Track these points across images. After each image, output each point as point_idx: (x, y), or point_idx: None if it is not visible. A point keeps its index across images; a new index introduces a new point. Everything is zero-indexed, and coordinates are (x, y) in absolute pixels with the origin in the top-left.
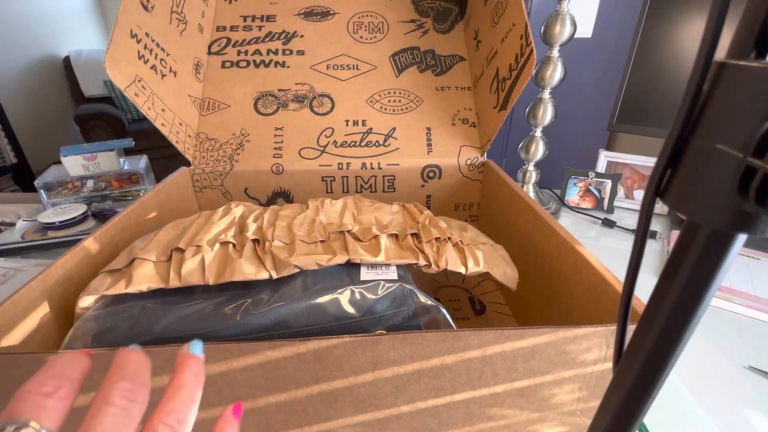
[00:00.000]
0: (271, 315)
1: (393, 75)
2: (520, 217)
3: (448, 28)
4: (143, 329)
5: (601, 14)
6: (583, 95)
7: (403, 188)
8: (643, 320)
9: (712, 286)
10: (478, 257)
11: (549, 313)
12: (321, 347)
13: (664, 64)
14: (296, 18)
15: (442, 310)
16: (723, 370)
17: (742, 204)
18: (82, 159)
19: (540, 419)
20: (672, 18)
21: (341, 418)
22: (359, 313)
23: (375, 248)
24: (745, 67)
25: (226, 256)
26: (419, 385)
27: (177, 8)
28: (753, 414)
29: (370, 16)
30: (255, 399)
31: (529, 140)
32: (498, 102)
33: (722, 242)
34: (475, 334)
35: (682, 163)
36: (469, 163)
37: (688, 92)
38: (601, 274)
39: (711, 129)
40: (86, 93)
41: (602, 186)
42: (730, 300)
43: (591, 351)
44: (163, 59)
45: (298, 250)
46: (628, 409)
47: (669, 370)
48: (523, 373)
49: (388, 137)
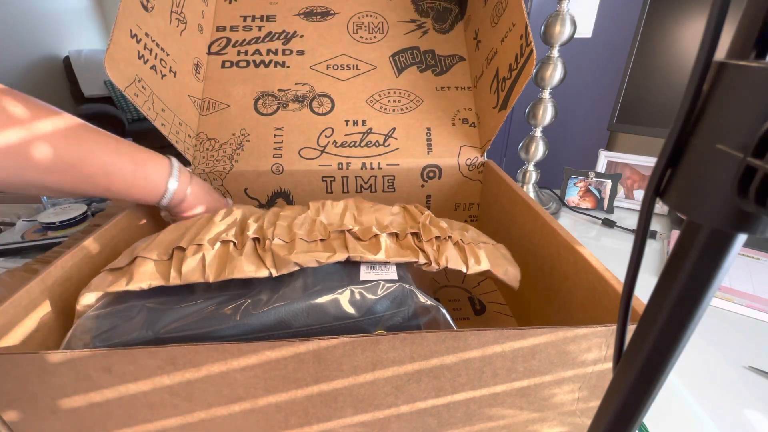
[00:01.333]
0: (271, 315)
1: (393, 75)
2: (520, 217)
3: (448, 28)
4: (143, 329)
5: (601, 14)
6: (583, 95)
7: (403, 188)
8: (643, 320)
9: (712, 286)
10: (479, 255)
11: (549, 313)
12: (321, 347)
13: (664, 64)
14: (296, 18)
15: (442, 310)
16: (723, 370)
17: (742, 204)
18: None
19: (540, 419)
20: (672, 18)
21: (341, 418)
22: (359, 313)
23: (375, 246)
24: (745, 67)
25: (226, 254)
26: (419, 385)
27: (177, 8)
28: (753, 414)
29: (370, 16)
30: (255, 399)
31: (529, 140)
32: (498, 102)
33: (722, 242)
34: (475, 334)
35: (682, 163)
36: (469, 163)
37: (688, 92)
38: (601, 274)
39: (711, 129)
40: (86, 93)
41: (602, 186)
42: (730, 300)
43: (591, 351)
44: (162, 59)
45: (298, 248)
46: (628, 409)
47: (669, 370)
48: (523, 373)
49: (388, 137)
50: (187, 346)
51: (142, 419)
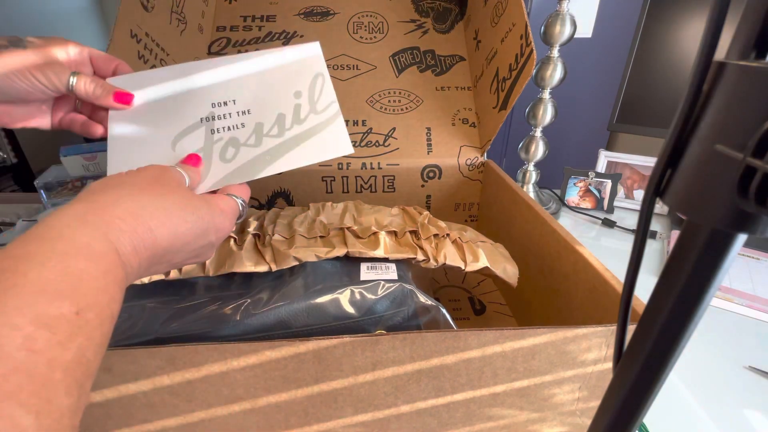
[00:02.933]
0: (271, 315)
1: (393, 75)
2: (520, 217)
3: (448, 28)
4: (143, 329)
5: (601, 14)
6: (583, 95)
7: (403, 188)
8: (643, 320)
9: (712, 286)
10: (477, 253)
11: (549, 313)
12: (321, 347)
13: (664, 64)
14: (296, 18)
15: (442, 310)
16: (723, 370)
17: (741, 204)
18: (82, 159)
19: (540, 419)
20: (672, 18)
21: (341, 418)
22: (359, 313)
23: (374, 243)
24: (744, 67)
25: (226, 249)
26: (419, 385)
27: (177, 8)
28: (753, 414)
29: (370, 16)
30: (255, 399)
31: (529, 140)
32: (498, 102)
33: (722, 242)
34: (475, 334)
35: (682, 163)
36: (469, 163)
37: (688, 92)
38: (601, 274)
39: (711, 129)
40: None
41: (602, 186)
42: (730, 300)
43: (591, 351)
44: (163, 59)
45: (297, 243)
46: (628, 409)
47: (669, 370)
48: (523, 373)
49: (388, 137)
50: (187, 346)
51: (141, 419)
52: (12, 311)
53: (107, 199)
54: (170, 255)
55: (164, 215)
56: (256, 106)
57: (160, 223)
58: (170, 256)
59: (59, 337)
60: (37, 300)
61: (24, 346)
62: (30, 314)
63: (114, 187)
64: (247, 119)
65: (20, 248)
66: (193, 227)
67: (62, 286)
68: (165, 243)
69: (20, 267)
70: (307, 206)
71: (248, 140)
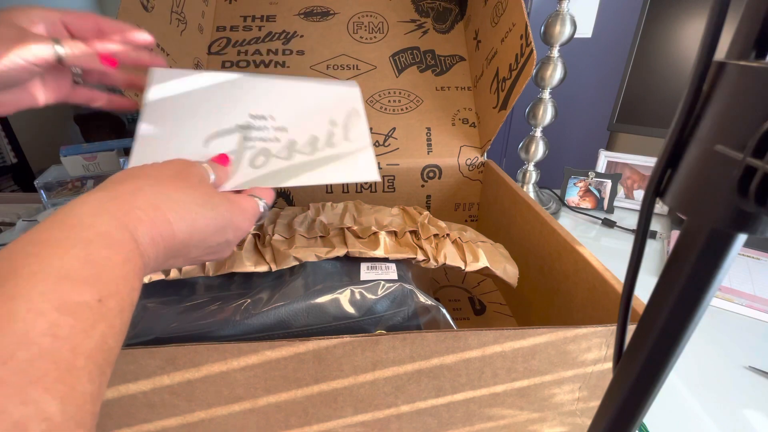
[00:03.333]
0: (271, 315)
1: (393, 75)
2: (520, 217)
3: (448, 28)
4: (143, 329)
5: (601, 14)
6: (583, 95)
7: (403, 188)
8: (643, 320)
9: (712, 286)
10: (477, 253)
11: (549, 313)
12: (321, 347)
13: (664, 64)
14: (296, 18)
15: (442, 310)
16: (723, 370)
17: (741, 204)
18: (82, 159)
19: (540, 419)
20: (672, 18)
21: (341, 418)
22: (359, 313)
23: (374, 243)
24: (744, 67)
25: None
26: (419, 385)
27: (177, 8)
28: (753, 414)
29: (370, 16)
30: (255, 399)
31: (529, 140)
32: (498, 102)
33: (722, 242)
34: (475, 334)
35: (681, 163)
36: (469, 163)
37: (688, 92)
38: (601, 274)
39: (711, 129)
40: None
41: (602, 186)
42: (730, 300)
43: (591, 351)
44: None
45: (297, 244)
46: (628, 409)
47: (669, 370)
48: (523, 373)
49: (388, 137)
50: (187, 346)
51: (141, 419)
52: (36, 297)
53: (128, 189)
54: (187, 249)
55: (183, 209)
56: (292, 125)
57: (178, 216)
58: (187, 251)
59: (83, 324)
60: (61, 287)
61: (49, 332)
62: (55, 301)
63: (136, 177)
64: (282, 135)
65: (44, 233)
66: (211, 223)
67: (85, 273)
68: (182, 236)
69: (44, 252)
70: (307, 206)
71: (280, 153)
